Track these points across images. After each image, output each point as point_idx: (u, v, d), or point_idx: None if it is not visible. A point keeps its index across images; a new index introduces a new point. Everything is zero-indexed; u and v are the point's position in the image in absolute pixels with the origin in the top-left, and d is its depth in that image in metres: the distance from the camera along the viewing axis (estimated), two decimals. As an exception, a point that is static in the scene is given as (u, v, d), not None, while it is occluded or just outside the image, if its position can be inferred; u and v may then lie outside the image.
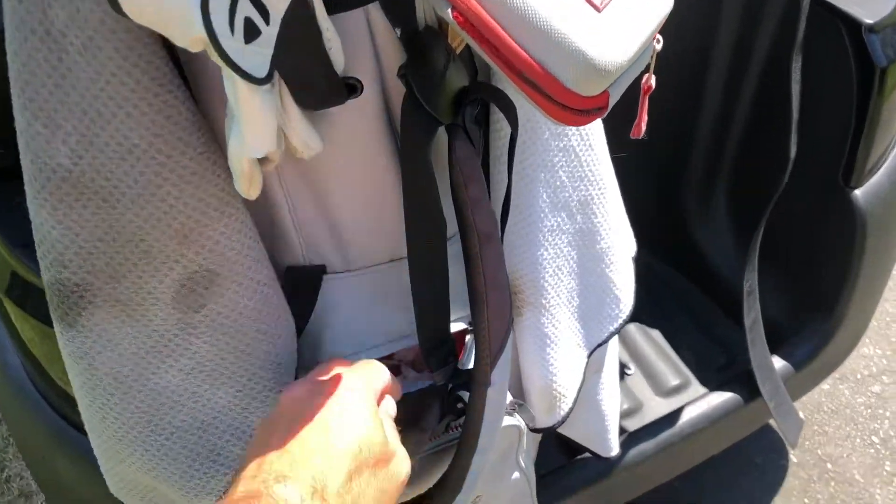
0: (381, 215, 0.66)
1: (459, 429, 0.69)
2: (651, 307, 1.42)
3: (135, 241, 0.56)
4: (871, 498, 1.58)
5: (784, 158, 1.03)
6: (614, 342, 0.98)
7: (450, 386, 0.69)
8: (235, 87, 0.43)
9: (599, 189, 0.76)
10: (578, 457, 1.18)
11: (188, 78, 0.55)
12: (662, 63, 0.60)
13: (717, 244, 1.39)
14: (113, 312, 0.59)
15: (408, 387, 0.71)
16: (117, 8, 0.39)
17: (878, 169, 1.20)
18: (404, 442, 0.67)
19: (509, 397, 0.83)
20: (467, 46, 0.56)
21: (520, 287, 0.77)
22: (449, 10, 0.48)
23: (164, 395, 0.62)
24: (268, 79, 0.43)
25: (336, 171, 0.61)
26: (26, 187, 0.56)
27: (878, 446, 1.67)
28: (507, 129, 0.67)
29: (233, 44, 0.40)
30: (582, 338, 0.86)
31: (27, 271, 0.87)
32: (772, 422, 1.49)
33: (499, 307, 0.61)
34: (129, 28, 0.49)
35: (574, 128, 0.71)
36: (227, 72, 0.42)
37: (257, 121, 0.45)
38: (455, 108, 0.58)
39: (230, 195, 0.58)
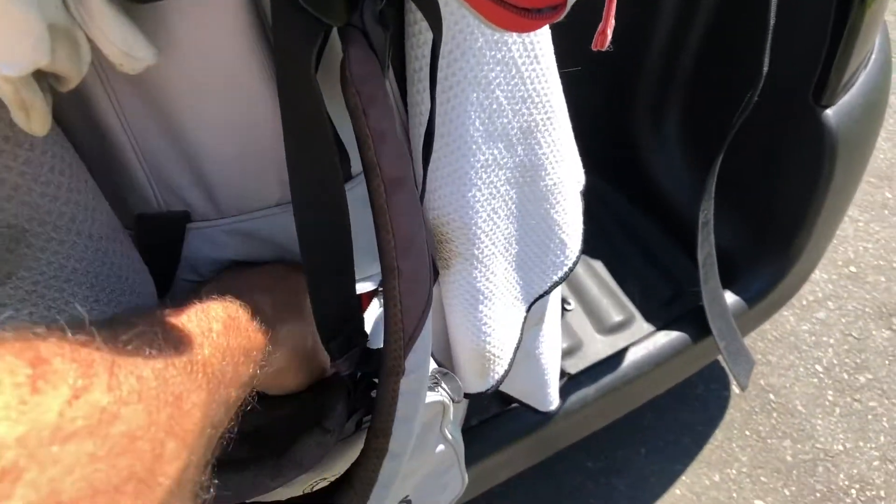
0: (255, 146, 0.49)
1: (362, 420, 0.55)
2: (593, 235, 1.29)
3: None
4: (813, 428, 1.53)
5: (756, 74, 0.89)
6: (558, 295, 0.85)
7: (358, 374, 0.54)
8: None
9: (546, 113, 0.61)
10: (513, 405, 1.06)
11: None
12: None
13: (668, 167, 1.26)
14: None
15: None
16: None
17: (851, 87, 1.06)
18: (304, 445, 0.52)
19: (433, 364, 0.70)
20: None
21: (447, 235, 0.62)
22: None
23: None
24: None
25: (186, 89, 0.44)
26: None
27: (821, 375, 1.61)
28: (429, 35, 0.50)
29: None
30: (520, 290, 0.72)
31: None
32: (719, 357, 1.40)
33: (414, 277, 0.46)
34: None
35: (516, 35, 0.54)
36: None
37: (26, 18, 0.28)
38: (350, 2, 0.41)
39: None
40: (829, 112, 1.03)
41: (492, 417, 1.07)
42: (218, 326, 0.39)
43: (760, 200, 1.16)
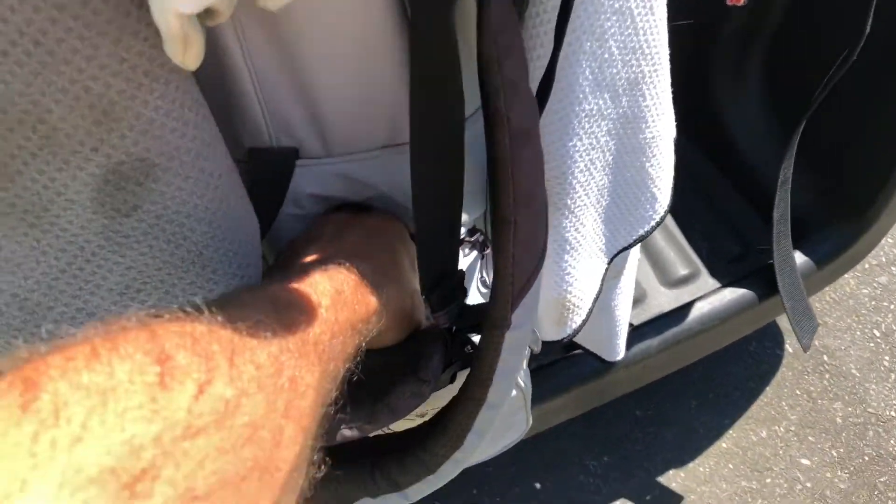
0: (373, 88, 0.49)
1: (460, 370, 0.56)
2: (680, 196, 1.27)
3: (29, 123, 0.39)
4: (866, 392, 1.52)
5: (855, 34, 0.86)
6: (636, 250, 0.85)
7: (454, 328, 0.55)
8: None
9: (653, 65, 0.60)
10: (575, 351, 1.07)
11: None
12: None
13: (747, 124, 1.23)
14: (9, 222, 0.42)
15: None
16: None
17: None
18: (401, 394, 0.53)
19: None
20: None
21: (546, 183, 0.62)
22: None
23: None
24: None
25: (315, 28, 0.44)
26: None
27: (878, 340, 1.59)
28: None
29: None
30: (605, 242, 0.72)
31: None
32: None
33: (530, 232, 0.46)
34: None
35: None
36: None
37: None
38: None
39: (165, 55, 0.41)
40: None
41: (551, 363, 1.08)
42: (326, 301, 0.39)
43: (840, 162, 1.13)
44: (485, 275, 0.73)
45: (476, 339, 0.52)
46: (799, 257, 1.16)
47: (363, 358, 0.50)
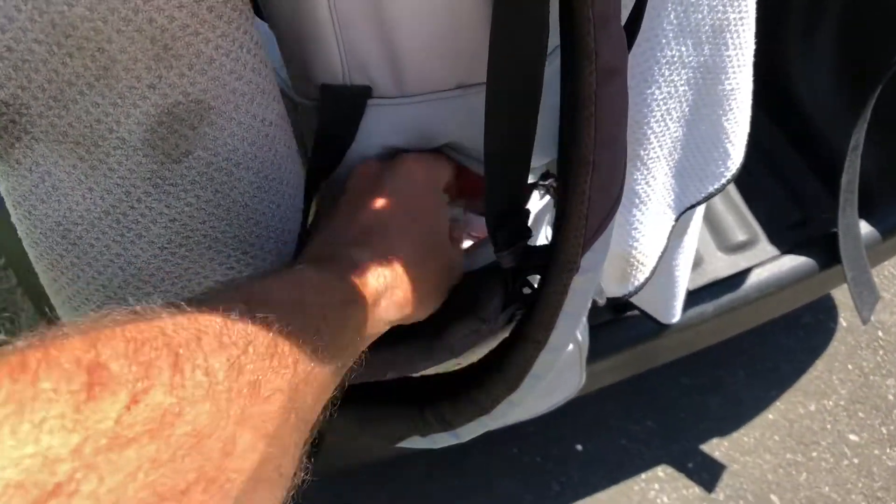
0: (454, 22, 0.47)
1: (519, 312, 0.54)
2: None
3: (89, 50, 0.38)
4: (920, 371, 1.48)
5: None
6: (700, 211, 0.82)
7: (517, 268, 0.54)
8: None
9: (739, 13, 0.57)
10: (628, 313, 1.05)
11: None
12: None
13: (815, 89, 1.19)
14: (59, 151, 0.41)
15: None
16: None
17: None
18: (458, 332, 0.52)
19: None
20: None
21: (616, 133, 0.60)
22: None
23: (128, 272, 0.44)
24: None
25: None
26: None
27: (936, 317, 1.55)
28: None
29: None
30: (674, 198, 0.70)
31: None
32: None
33: (609, 174, 0.44)
34: None
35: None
36: None
37: None
38: None
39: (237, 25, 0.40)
40: None
41: (604, 323, 1.06)
42: (312, 297, 0.36)
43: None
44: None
45: (536, 281, 0.51)
46: (864, 227, 1.12)
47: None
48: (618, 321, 1.06)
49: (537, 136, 0.49)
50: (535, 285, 0.52)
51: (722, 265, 1.14)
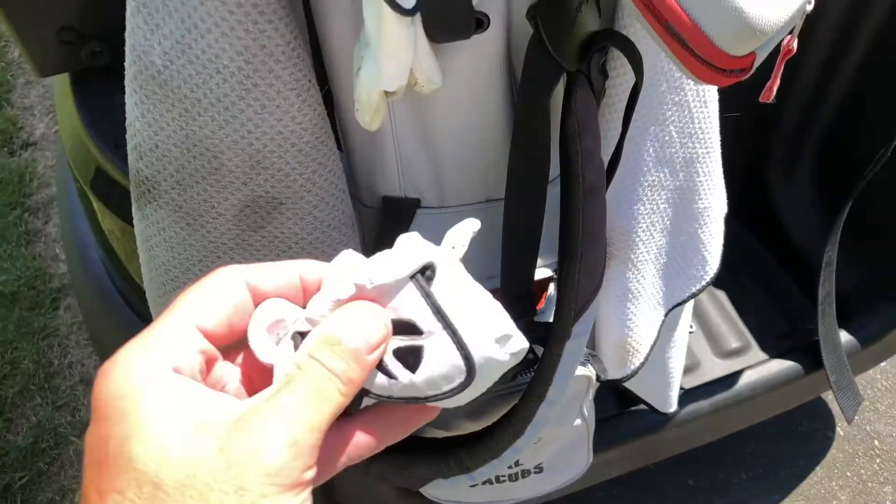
0: (483, 154, 0.64)
1: (529, 374, 0.69)
2: (724, 271, 1.39)
3: (208, 157, 0.56)
4: (915, 479, 1.57)
5: (890, 131, 0.98)
6: (689, 307, 0.97)
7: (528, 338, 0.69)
8: (381, 18, 0.41)
9: (706, 148, 0.74)
10: (632, 408, 1.18)
11: (311, 5, 0.54)
12: None
13: (798, 211, 1.35)
14: (174, 217, 0.61)
15: None
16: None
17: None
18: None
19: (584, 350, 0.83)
20: (604, -10, 0.54)
21: (610, 239, 0.76)
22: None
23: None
24: (414, 10, 0.41)
25: (447, 107, 0.60)
26: (126, 72, 0.56)
27: (928, 429, 1.64)
28: (624, 79, 0.64)
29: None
30: (662, 296, 0.84)
31: (114, 170, 0.88)
32: (824, 394, 1.47)
33: (592, 263, 0.59)
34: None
35: (692, 83, 0.68)
36: (372, 1, 0.41)
37: (398, 53, 0.44)
38: (581, 54, 0.55)
39: (315, 136, 0.57)
40: (957, 173, 1.11)
41: (611, 417, 1.18)
42: None
43: (882, 248, 1.24)
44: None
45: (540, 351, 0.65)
46: (844, 336, 1.26)
47: None
48: (623, 415, 1.18)
49: (544, 240, 0.65)
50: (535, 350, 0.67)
51: (717, 369, 1.27)
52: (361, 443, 0.36)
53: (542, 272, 0.73)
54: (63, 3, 0.88)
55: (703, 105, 0.70)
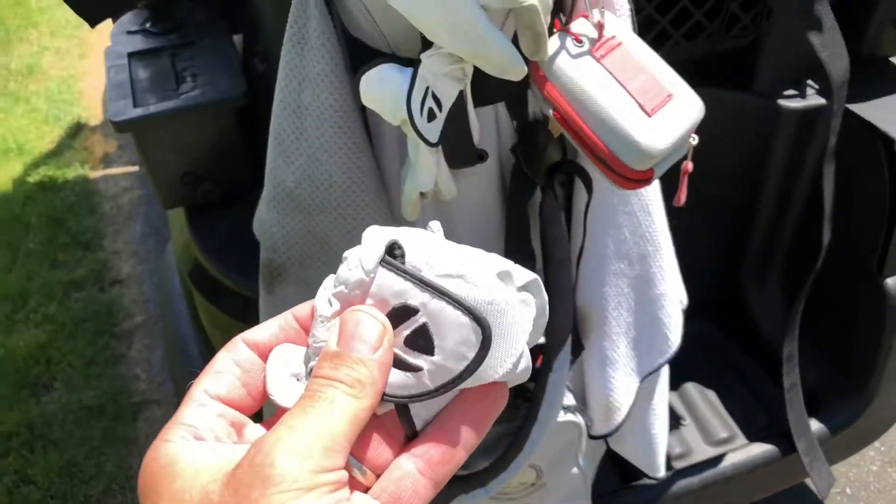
0: (488, 243, 0.92)
1: (526, 403, 0.93)
2: (708, 369, 1.63)
3: (321, 243, 0.85)
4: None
5: (820, 245, 1.25)
6: (665, 382, 1.20)
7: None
8: (418, 147, 0.71)
9: (655, 246, 1.01)
10: (632, 483, 1.38)
11: (372, 138, 0.84)
12: (727, 167, 0.83)
13: (772, 317, 1.59)
14: (297, 289, 0.88)
15: None
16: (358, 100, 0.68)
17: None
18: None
19: (573, 400, 1.07)
20: (562, 133, 0.84)
21: (589, 315, 1.02)
22: (550, 111, 0.75)
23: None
24: (437, 144, 0.71)
25: (461, 209, 0.88)
26: (263, 195, 0.86)
27: (920, 527, 1.79)
28: (583, 193, 0.93)
29: (420, 122, 0.68)
30: (636, 365, 1.09)
31: (218, 274, 1.17)
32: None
33: (562, 318, 0.86)
34: (344, 110, 0.78)
35: (636, 197, 0.96)
36: (413, 137, 0.70)
37: (429, 168, 0.73)
38: (549, 175, 0.84)
39: (392, 221, 0.85)
40: (889, 281, 1.36)
41: (612, 492, 1.39)
42: None
43: (837, 348, 1.47)
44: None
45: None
46: (816, 424, 1.46)
47: None
48: (623, 490, 1.38)
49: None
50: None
51: (707, 454, 1.48)
52: (437, 456, 0.36)
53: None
54: (186, 155, 1.20)
55: (647, 214, 0.98)
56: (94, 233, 2.59)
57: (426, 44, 0.67)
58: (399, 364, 0.36)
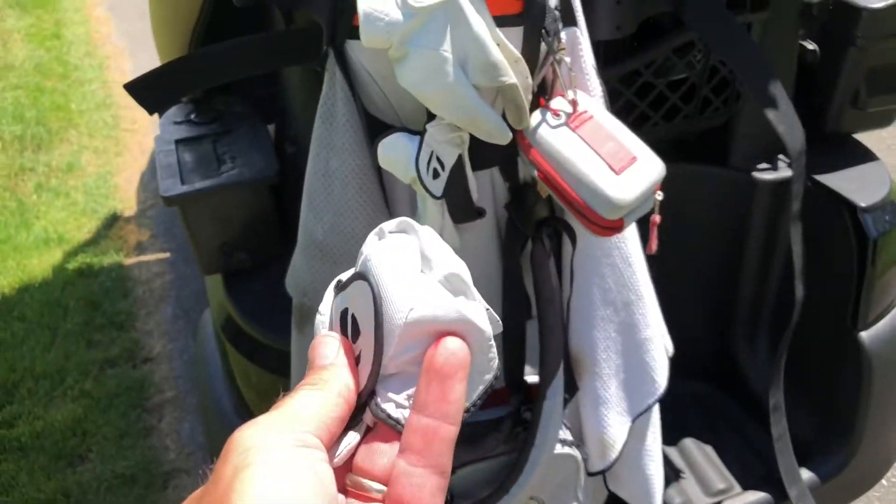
0: (489, 291, 1.06)
1: (524, 432, 1.05)
2: (705, 426, 1.73)
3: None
4: None
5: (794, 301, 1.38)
6: (656, 426, 1.31)
7: (521, 409, 1.06)
8: (426, 200, 0.86)
9: (637, 295, 1.14)
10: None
11: (387, 195, 0.99)
12: (711, 234, 0.97)
13: (760, 373, 1.70)
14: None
15: (486, 415, 1.09)
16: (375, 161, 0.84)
17: (886, 315, 1.52)
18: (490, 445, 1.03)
19: (569, 435, 1.18)
20: (549, 194, 0.99)
21: (581, 358, 1.14)
22: (535, 172, 0.90)
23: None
24: (441, 197, 0.86)
25: (465, 258, 1.01)
26: (296, 248, 1.01)
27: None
28: (569, 247, 1.07)
29: (427, 179, 0.84)
30: (626, 405, 1.20)
31: (252, 331, 1.32)
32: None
33: (553, 350, 0.99)
34: (365, 173, 0.94)
35: (617, 250, 1.10)
36: (422, 192, 0.86)
37: (436, 219, 0.88)
38: (538, 228, 0.99)
39: None
40: (863, 335, 1.48)
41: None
42: None
43: (822, 399, 1.57)
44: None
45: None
46: (806, 472, 1.56)
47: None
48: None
49: (531, 349, 1.05)
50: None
51: None
52: (419, 441, 0.37)
53: (534, 378, 1.12)
54: (225, 226, 1.37)
55: (629, 265, 1.12)
56: (128, 315, 2.75)
57: (430, 116, 0.83)
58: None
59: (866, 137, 1.63)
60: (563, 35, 0.88)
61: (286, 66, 1.20)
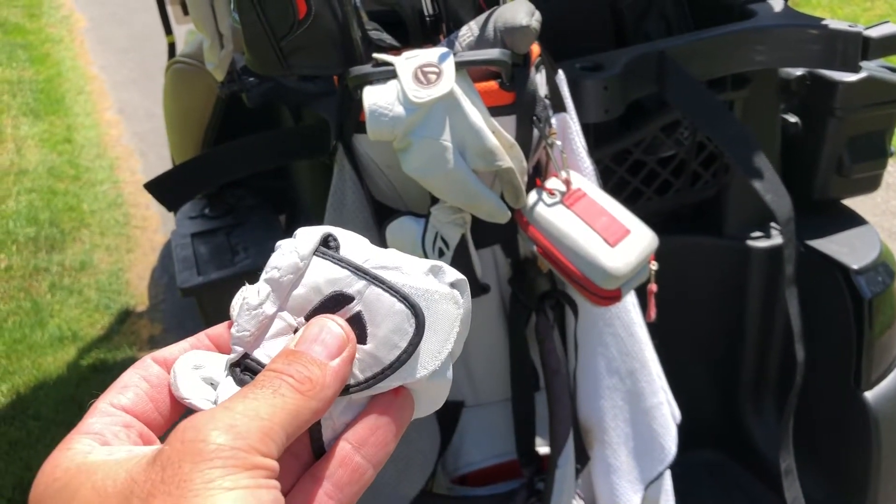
0: (498, 365, 1.10)
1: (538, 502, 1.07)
2: (718, 494, 1.74)
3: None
4: None
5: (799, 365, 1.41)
6: (669, 494, 1.33)
7: (534, 480, 1.09)
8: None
9: (641, 363, 1.18)
10: None
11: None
12: (711, 303, 1.03)
13: (768, 438, 1.72)
14: None
15: (501, 488, 1.11)
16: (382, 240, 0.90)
17: (890, 373, 1.55)
18: None
19: (582, 505, 1.20)
20: (550, 269, 1.04)
21: (591, 427, 1.17)
22: (535, 247, 0.96)
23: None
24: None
25: (473, 335, 1.07)
26: None
27: None
28: (571, 318, 1.12)
29: (433, 258, 0.89)
30: (638, 473, 1.23)
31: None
32: None
33: (562, 419, 1.03)
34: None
35: (618, 320, 1.14)
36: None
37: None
38: (541, 301, 1.04)
39: None
40: (867, 394, 1.51)
41: None
42: None
43: (831, 460, 1.59)
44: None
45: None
46: (823, 536, 1.56)
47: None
48: None
49: (541, 420, 1.08)
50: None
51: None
52: (345, 477, 0.34)
53: (545, 449, 1.15)
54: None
55: (631, 335, 1.16)
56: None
57: (434, 199, 0.89)
58: None
59: (861, 201, 1.70)
60: (553, 121, 0.95)
61: (297, 160, 1.27)
